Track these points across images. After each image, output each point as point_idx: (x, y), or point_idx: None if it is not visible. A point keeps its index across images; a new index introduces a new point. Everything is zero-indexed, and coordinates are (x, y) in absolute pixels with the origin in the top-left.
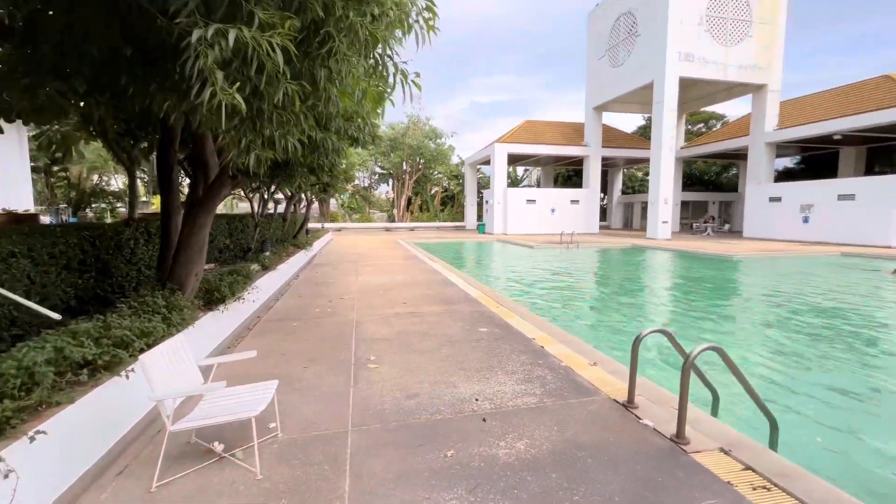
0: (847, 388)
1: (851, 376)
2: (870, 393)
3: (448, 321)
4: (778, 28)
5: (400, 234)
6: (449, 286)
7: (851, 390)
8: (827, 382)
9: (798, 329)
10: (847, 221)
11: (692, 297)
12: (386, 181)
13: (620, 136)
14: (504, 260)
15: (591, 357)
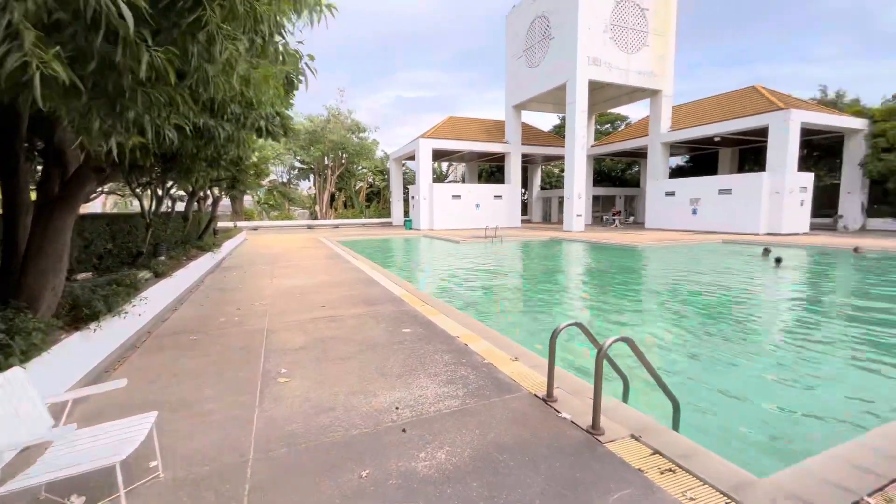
0: (731, 360)
1: (734, 348)
2: (748, 362)
3: (370, 324)
4: (670, 40)
5: (323, 232)
6: (373, 286)
7: (734, 361)
8: (717, 357)
9: (691, 309)
10: (726, 213)
11: (605, 285)
12: (307, 176)
13: (538, 135)
14: (430, 256)
15: (513, 352)
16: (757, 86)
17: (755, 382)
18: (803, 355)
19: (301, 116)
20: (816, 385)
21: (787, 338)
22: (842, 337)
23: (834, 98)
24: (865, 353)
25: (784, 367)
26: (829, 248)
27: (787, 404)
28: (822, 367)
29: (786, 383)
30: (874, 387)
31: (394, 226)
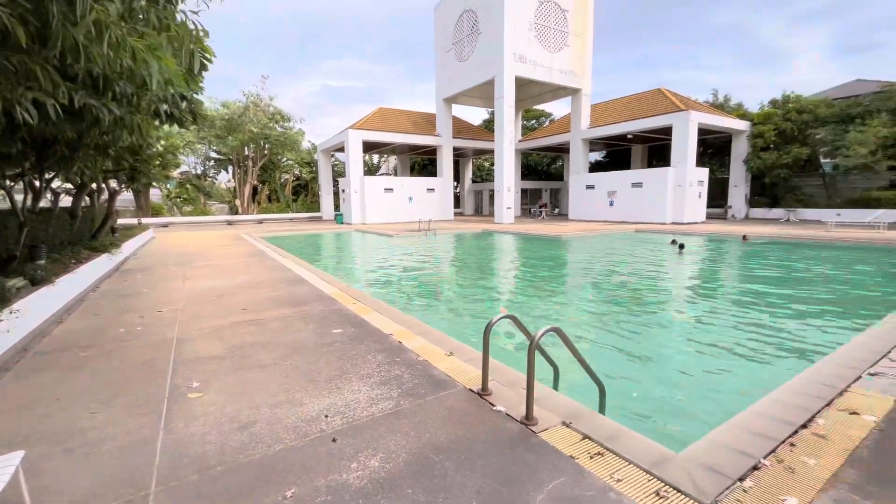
0: (648, 341)
1: (650, 330)
2: (663, 342)
3: (297, 326)
4: (588, 41)
5: (245, 228)
6: (300, 285)
7: (651, 343)
8: (636, 339)
9: (612, 294)
10: (638, 204)
11: (536, 275)
12: (225, 168)
13: (469, 128)
14: (363, 251)
15: (449, 347)
16: (662, 88)
17: (669, 361)
18: (708, 333)
19: (215, 103)
20: (719, 359)
21: (692, 316)
22: (737, 314)
23: (722, 102)
24: (756, 328)
25: (693, 343)
26: (723, 236)
27: (697, 379)
28: (722, 343)
29: (695, 359)
30: (765, 358)
31: (324, 220)
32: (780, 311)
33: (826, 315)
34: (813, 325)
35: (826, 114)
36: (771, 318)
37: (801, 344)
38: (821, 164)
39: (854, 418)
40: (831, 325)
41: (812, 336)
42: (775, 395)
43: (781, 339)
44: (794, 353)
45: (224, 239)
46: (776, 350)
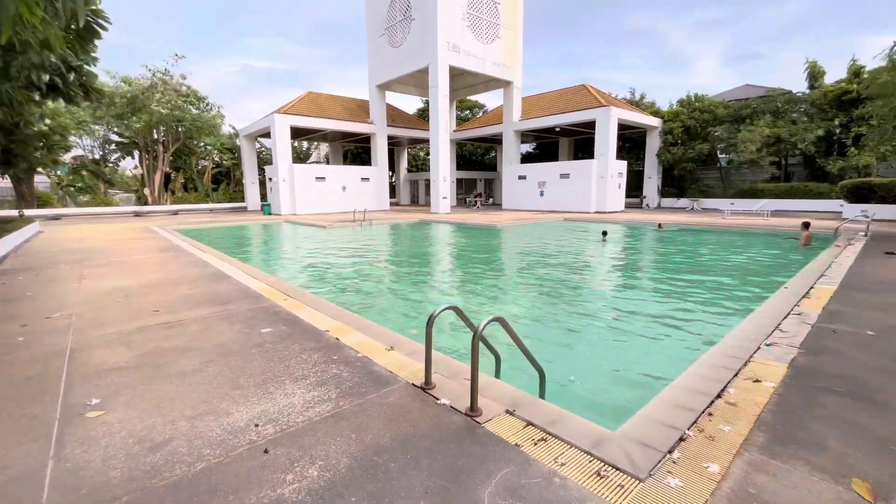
0: (579, 324)
1: (581, 313)
2: (586, 325)
3: (220, 327)
4: (518, 35)
5: (158, 220)
6: (222, 281)
7: (582, 325)
8: (566, 323)
9: (545, 280)
10: (566, 194)
11: (474, 263)
12: (130, 153)
13: (404, 117)
14: (294, 244)
15: (389, 341)
16: (586, 84)
17: (602, 342)
18: (634, 315)
19: (115, 78)
20: (645, 338)
21: (621, 299)
22: (659, 295)
23: (638, 100)
24: (675, 307)
25: (621, 324)
26: (641, 224)
27: (626, 356)
28: (647, 322)
29: (625, 338)
30: (683, 334)
31: (249, 211)
32: (694, 290)
33: (729, 293)
34: (719, 303)
35: (723, 114)
36: (686, 298)
37: (711, 319)
38: (718, 159)
39: (757, 386)
40: (733, 302)
41: (719, 312)
42: (693, 369)
43: (695, 317)
44: (707, 327)
45: (131, 232)
46: (691, 326)
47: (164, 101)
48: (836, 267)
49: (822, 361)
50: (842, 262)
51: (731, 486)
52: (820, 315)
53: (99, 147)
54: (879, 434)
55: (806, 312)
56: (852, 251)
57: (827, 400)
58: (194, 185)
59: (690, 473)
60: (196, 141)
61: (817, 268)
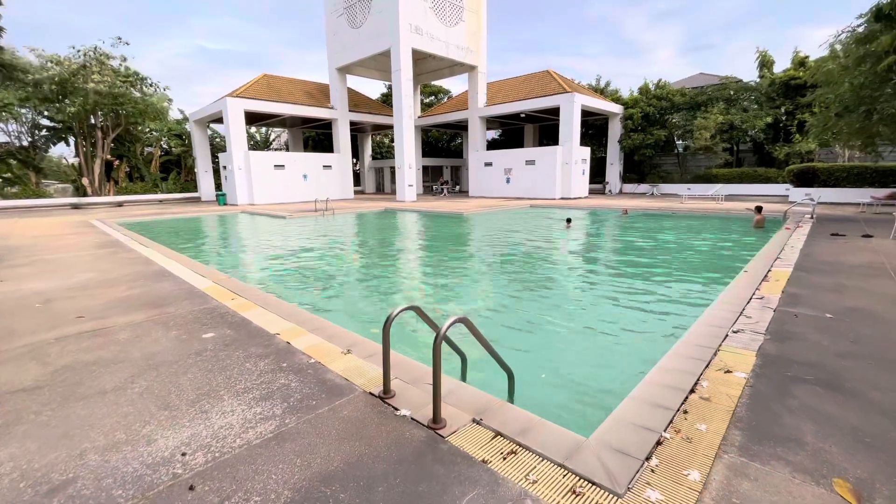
0: (547, 317)
1: (548, 304)
2: (554, 318)
3: (155, 333)
4: (482, 18)
5: (98, 213)
6: (165, 280)
7: (550, 318)
8: (534, 316)
9: (511, 269)
10: (532, 181)
11: (441, 253)
12: (63, 139)
13: (367, 102)
14: (251, 236)
15: (346, 342)
16: (550, 70)
17: (569, 336)
18: (603, 303)
19: (41, 58)
20: (615, 328)
21: (590, 287)
22: (627, 282)
23: (603, 87)
24: (642, 293)
25: (590, 314)
26: (606, 209)
27: (597, 350)
28: (616, 311)
29: (594, 330)
30: (651, 321)
31: (203, 202)
32: (660, 276)
33: (693, 277)
34: (685, 287)
35: (680, 101)
36: (652, 284)
37: (679, 305)
38: (676, 146)
39: (729, 377)
40: (698, 285)
41: (685, 296)
42: (664, 361)
43: (664, 302)
44: (674, 313)
45: (65, 227)
46: (659, 313)
47: (102, 82)
48: (789, 250)
49: (788, 348)
50: (793, 245)
51: (713, 497)
52: (780, 299)
53: (27, 133)
54: (852, 424)
55: (767, 297)
56: (801, 233)
57: (797, 390)
58: (140, 174)
59: (670, 483)
60: (140, 126)
61: (772, 251)
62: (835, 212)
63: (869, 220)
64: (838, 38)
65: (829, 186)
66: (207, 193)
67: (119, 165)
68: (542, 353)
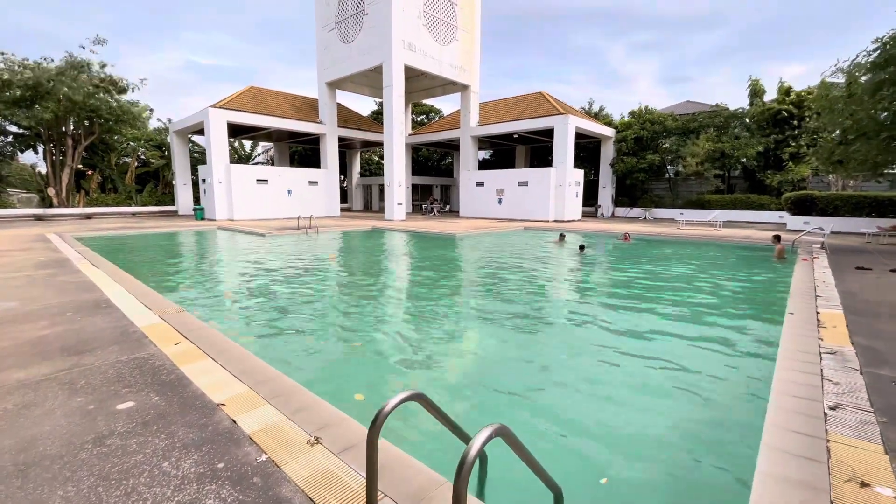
0: (578, 371)
1: (576, 353)
2: (599, 374)
3: (53, 401)
4: (476, 38)
5: (62, 225)
6: (100, 313)
7: (585, 374)
8: (565, 371)
9: (522, 305)
10: (524, 202)
11: (434, 280)
12: (31, 146)
13: (357, 118)
14: (223, 255)
15: (317, 420)
16: (543, 92)
17: (595, 408)
18: (633, 353)
19: (11, 63)
20: (660, 395)
21: (610, 332)
22: (650, 321)
23: (596, 111)
24: (677, 338)
25: (626, 376)
26: (603, 234)
27: (641, 442)
28: (648, 369)
29: (631, 405)
30: (709, 386)
31: (180, 216)
32: (689, 315)
33: (728, 317)
34: (726, 331)
35: (672, 126)
36: (684, 325)
37: (729, 356)
38: (667, 170)
39: (869, 494)
40: (737, 329)
41: (734, 345)
42: (765, 466)
43: (710, 352)
44: (729, 366)
45: (14, 241)
46: (711, 373)
47: (77, 88)
48: (823, 286)
49: None
50: (825, 280)
51: None
52: (857, 354)
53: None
54: None
55: (839, 351)
56: (822, 265)
57: None
58: (114, 185)
59: None
60: (116, 135)
61: (803, 286)
62: (842, 242)
63: (883, 251)
64: (839, 68)
65: (828, 215)
66: (185, 207)
67: (91, 175)
68: (572, 440)
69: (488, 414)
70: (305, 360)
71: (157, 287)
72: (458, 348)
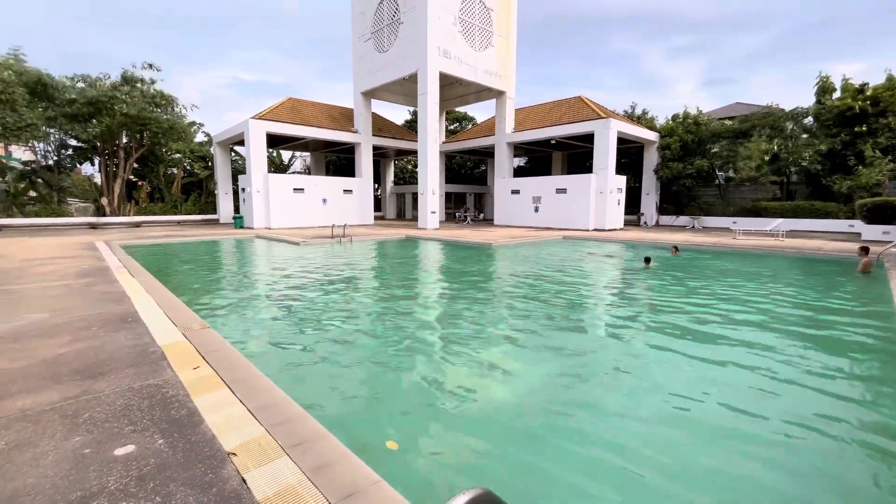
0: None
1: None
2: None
3: (49, 441)
4: (511, 43)
5: (114, 233)
6: (124, 328)
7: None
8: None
9: (569, 323)
10: (563, 210)
11: (476, 295)
12: (88, 158)
13: (391, 126)
14: (256, 264)
15: (342, 484)
16: (582, 96)
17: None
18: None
19: (73, 79)
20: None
21: (689, 360)
22: (737, 353)
23: (640, 115)
24: (790, 384)
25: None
26: (654, 244)
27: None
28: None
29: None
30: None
31: (221, 224)
32: (785, 350)
33: (835, 355)
34: (846, 382)
35: (721, 129)
36: (788, 367)
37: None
38: (717, 176)
39: None
40: (858, 376)
41: (872, 402)
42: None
43: (850, 410)
44: (862, 430)
45: (65, 248)
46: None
47: (131, 102)
48: None
49: None
50: None
51: None
52: None
53: (54, 152)
54: None
55: None
56: None
57: None
58: (161, 195)
59: None
60: (164, 147)
61: None
62: None
63: None
64: None
65: None
66: (225, 216)
67: (141, 186)
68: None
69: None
70: (328, 390)
71: (186, 298)
72: (513, 388)
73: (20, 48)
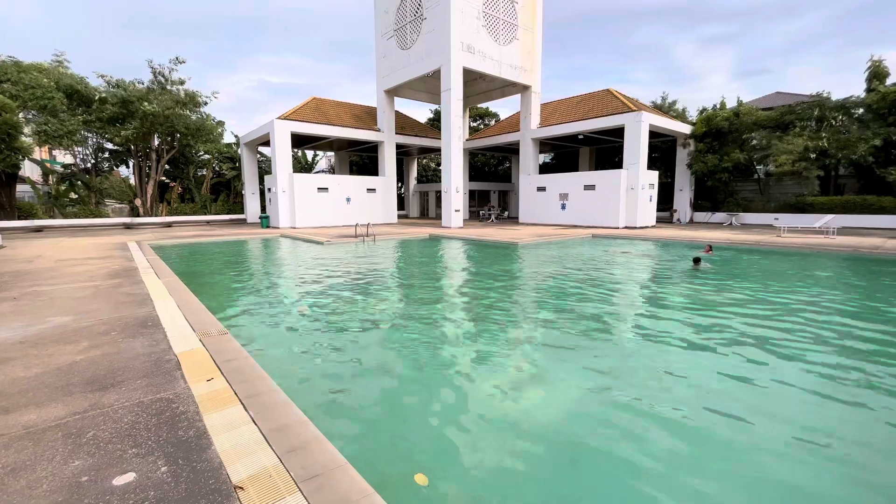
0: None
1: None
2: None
3: (47, 465)
4: (537, 37)
5: (146, 233)
6: (143, 333)
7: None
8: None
9: (623, 334)
10: (591, 207)
11: (504, 298)
12: (124, 161)
13: (413, 124)
14: (281, 264)
15: None
16: (611, 89)
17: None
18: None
19: (109, 83)
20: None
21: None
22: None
23: (668, 106)
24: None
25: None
26: (691, 243)
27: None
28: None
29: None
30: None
31: (248, 223)
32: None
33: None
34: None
35: (763, 118)
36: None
37: None
38: (756, 170)
39: None
40: None
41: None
42: None
43: None
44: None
45: (98, 249)
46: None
47: (160, 103)
48: None
49: None
50: None
51: None
52: None
53: (92, 155)
54: None
55: None
56: None
57: None
58: (192, 195)
59: None
60: (193, 149)
61: None
62: None
63: None
64: None
65: None
66: (252, 215)
67: (173, 187)
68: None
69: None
70: (347, 409)
71: (208, 301)
72: (554, 412)
73: (63, 53)
